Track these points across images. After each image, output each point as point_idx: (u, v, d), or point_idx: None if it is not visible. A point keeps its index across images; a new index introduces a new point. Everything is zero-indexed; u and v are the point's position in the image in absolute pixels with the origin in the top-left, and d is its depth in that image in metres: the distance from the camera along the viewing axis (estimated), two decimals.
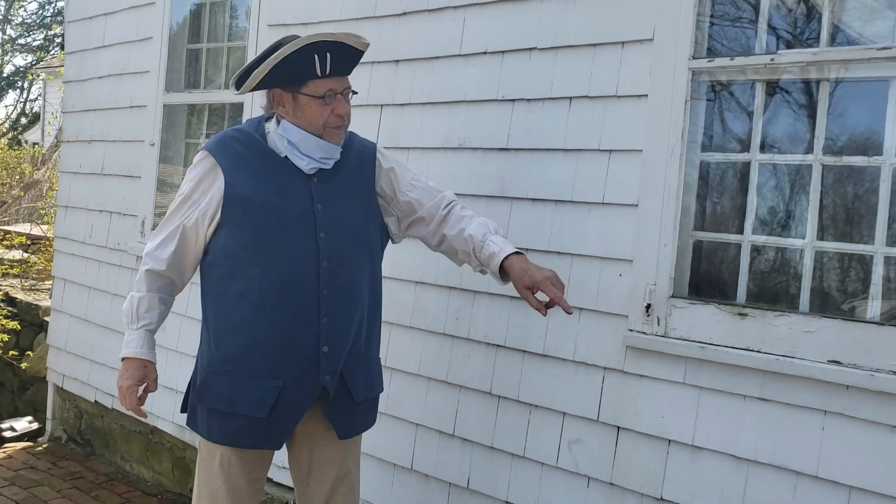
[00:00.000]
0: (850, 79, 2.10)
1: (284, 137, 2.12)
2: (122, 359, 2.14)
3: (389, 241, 2.35)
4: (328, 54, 2.04)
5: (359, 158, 2.24)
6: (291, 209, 2.08)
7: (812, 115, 2.15)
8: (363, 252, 2.19)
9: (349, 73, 2.16)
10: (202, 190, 2.10)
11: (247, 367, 2.08)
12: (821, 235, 2.12)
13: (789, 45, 2.22)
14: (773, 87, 2.22)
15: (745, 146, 2.26)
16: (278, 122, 2.15)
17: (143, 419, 2.12)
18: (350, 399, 2.17)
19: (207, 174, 2.10)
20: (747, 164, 2.24)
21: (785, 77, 2.18)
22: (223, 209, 2.07)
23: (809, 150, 2.14)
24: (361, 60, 3.06)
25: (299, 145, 2.11)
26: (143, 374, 2.13)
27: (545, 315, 2.05)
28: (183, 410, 2.24)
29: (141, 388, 2.13)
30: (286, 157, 2.12)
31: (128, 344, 2.14)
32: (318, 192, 2.12)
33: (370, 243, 2.22)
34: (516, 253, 2.09)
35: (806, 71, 2.13)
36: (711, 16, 2.29)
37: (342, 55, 2.07)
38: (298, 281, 2.07)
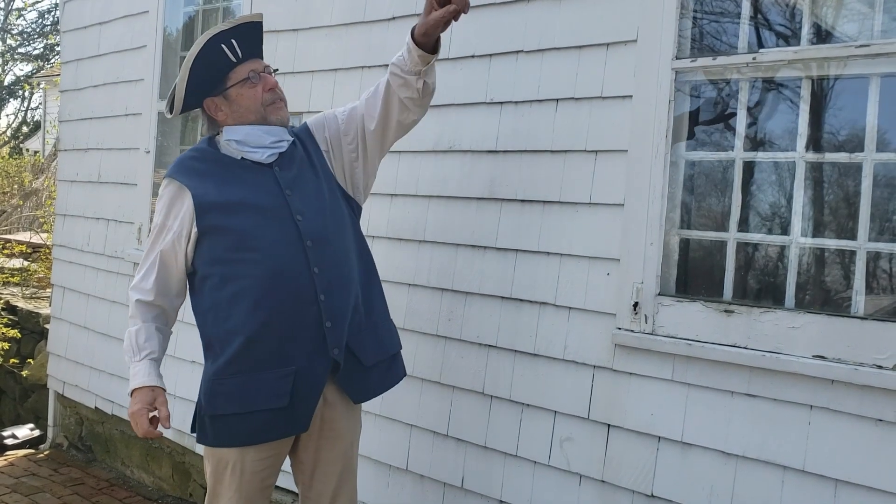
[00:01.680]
0: (832, 76, 2.12)
1: (232, 140, 2.17)
2: (131, 392, 2.11)
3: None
4: (233, 41, 2.14)
5: (302, 139, 2.29)
6: (264, 201, 2.12)
7: (795, 113, 2.17)
8: (340, 225, 2.23)
9: (261, 55, 2.24)
10: (174, 215, 2.15)
11: (254, 362, 2.07)
12: (805, 232, 2.14)
13: (772, 45, 2.24)
14: (755, 86, 2.25)
15: (729, 144, 2.28)
16: (221, 131, 2.21)
17: (155, 437, 2.14)
18: (360, 365, 2.19)
19: (174, 198, 2.15)
20: (731, 163, 2.26)
21: (767, 76, 2.20)
22: (198, 222, 2.10)
23: (793, 147, 2.16)
24: (352, 65, 3.10)
25: (247, 140, 2.16)
26: (152, 398, 2.10)
27: (464, 12, 2.01)
28: (192, 431, 2.20)
29: (151, 415, 2.09)
30: (242, 157, 2.17)
31: (134, 376, 2.13)
32: (284, 179, 2.16)
33: (342, 215, 2.26)
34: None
35: (787, 69, 2.15)
36: (694, 16, 2.31)
37: (246, 38, 2.16)
38: (290, 266, 2.10)
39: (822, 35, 2.15)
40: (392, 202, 2.92)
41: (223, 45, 2.11)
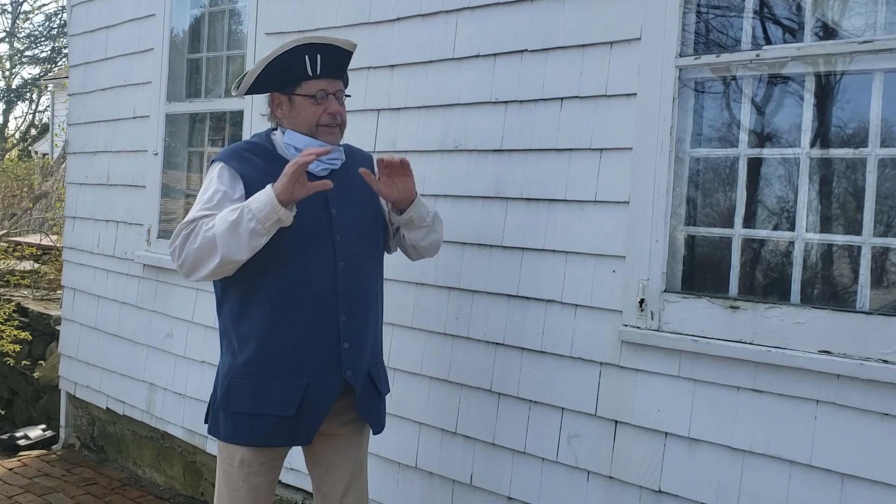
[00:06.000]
0: (835, 72, 2.12)
1: (291, 145, 2.19)
2: (277, 199, 1.97)
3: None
4: (318, 56, 2.15)
5: (362, 166, 2.28)
6: (308, 214, 2.12)
7: (799, 109, 2.18)
8: (373, 253, 2.31)
9: (341, 76, 2.25)
10: (228, 185, 2.11)
11: (270, 367, 2.13)
12: (810, 227, 2.15)
13: (776, 39, 2.25)
14: (759, 83, 2.25)
15: (733, 141, 2.29)
16: (283, 132, 2.22)
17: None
18: (378, 395, 2.30)
19: (231, 178, 2.12)
20: (736, 159, 2.27)
21: (770, 72, 2.21)
22: None
23: (798, 142, 2.17)
24: (357, 66, 3.11)
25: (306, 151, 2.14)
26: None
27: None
28: (206, 422, 2.28)
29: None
30: None
31: (257, 197, 1.99)
32: (333, 196, 2.18)
33: (378, 245, 2.34)
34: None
35: (791, 65, 2.16)
36: (697, 14, 2.32)
37: (332, 57, 2.19)
38: (317, 282, 2.14)
39: (826, 30, 2.15)
40: None
41: (307, 56, 2.14)
